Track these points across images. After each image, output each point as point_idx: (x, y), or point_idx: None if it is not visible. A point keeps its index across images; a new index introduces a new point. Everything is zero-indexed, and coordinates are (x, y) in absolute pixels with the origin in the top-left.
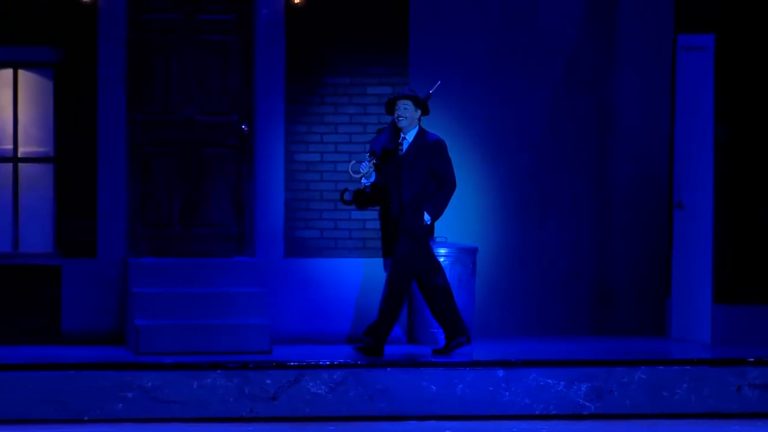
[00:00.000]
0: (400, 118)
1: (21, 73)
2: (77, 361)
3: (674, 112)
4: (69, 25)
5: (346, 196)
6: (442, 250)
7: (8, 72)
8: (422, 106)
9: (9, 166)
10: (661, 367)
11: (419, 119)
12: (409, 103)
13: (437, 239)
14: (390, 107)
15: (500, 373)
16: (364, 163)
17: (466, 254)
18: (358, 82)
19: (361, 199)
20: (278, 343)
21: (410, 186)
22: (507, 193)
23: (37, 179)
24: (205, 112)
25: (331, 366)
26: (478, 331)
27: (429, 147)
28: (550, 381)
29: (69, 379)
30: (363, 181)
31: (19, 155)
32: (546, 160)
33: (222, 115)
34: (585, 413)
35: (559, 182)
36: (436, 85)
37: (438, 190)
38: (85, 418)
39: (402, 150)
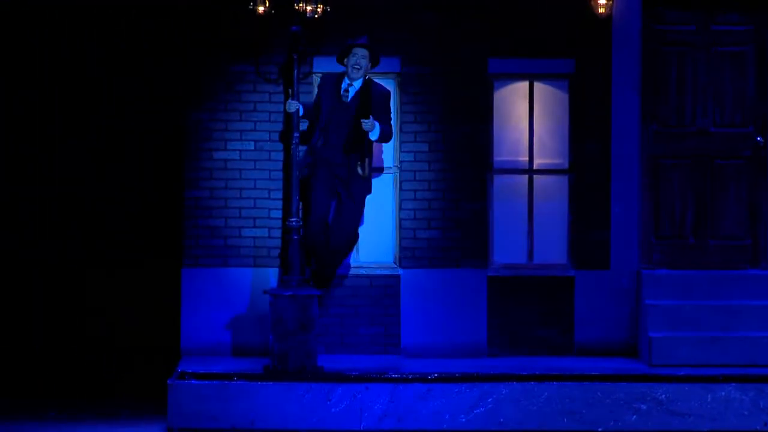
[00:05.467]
0: (356, 68)
1: (536, 85)
2: (591, 372)
3: None
4: (583, 37)
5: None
6: None
7: (524, 84)
8: (376, 59)
9: (524, 177)
10: None
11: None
12: (367, 53)
13: None
14: (344, 55)
15: None
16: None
17: None
18: None
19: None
20: None
21: (357, 134)
22: None
23: (552, 191)
24: (718, 123)
25: None
26: None
27: (377, 97)
28: None
29: (584, 391)
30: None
31: (535, 167)
32: None
33: (736, 127)
34: None
35: None
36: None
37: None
38: (599, 430)
39: (347, 98)
